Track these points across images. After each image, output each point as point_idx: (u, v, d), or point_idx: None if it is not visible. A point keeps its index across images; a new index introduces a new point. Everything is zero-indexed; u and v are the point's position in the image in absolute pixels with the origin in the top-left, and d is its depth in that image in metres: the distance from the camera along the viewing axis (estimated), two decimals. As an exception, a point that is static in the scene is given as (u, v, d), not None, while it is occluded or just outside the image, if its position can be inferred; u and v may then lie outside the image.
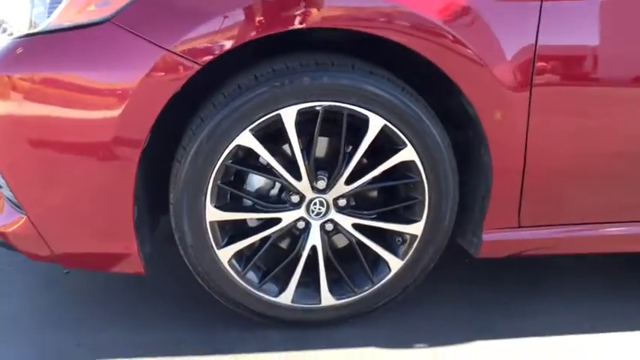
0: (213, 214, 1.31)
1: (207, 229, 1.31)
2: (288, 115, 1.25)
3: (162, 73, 1.18)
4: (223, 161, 1.27)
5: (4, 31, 1.42)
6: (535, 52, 1.29)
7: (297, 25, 1.21)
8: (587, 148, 1.40)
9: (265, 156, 1.29)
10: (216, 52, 1.19)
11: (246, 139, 1.26)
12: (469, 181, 1.45)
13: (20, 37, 1.23)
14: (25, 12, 1.30)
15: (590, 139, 1.39)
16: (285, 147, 1.34)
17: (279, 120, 1.26)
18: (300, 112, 1.26)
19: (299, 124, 1.28)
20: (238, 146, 1.26)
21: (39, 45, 1.21)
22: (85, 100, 1.20)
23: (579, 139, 1.39)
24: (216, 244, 1.33)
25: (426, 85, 1.36)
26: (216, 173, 1.27)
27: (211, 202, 1.30)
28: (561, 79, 1.33)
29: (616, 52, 1.35)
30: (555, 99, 1.34)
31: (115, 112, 1.19)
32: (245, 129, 1.25)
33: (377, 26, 1.23)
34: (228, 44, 1.19)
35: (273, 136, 1.32)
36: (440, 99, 1.38)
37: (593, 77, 1.36)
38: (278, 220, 1.36)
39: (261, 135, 1.28)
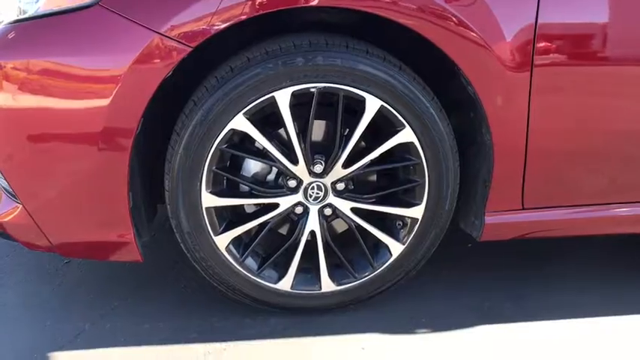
0: (209, 200, 1.29)
1: (203, 215, 1.30)
2: (283, 98, 1.23)
3: (153, 57, 1.16)
4: (217, 146, 1.25)
5: (-5, 19, 1.40)
6: (535, 31, 1.26)
7: (302, 2, 1.17)
8: (591, 128, 1.37)
9: (260, 140, 1.27)
10: (210, 34, 1.16)
11: (241, 122, 1.23)
12: (471, 163, 1.43)
13: (8, 24, 1.21)
14: (14, -1, 1.28)
15: (593, 118, 1.36)
16: (281, 131, 1.32)
17: (273, 103, 1.23)
18: (294, 94, 1.23)
19: (295, 107, 1.25)
20: (233, 130, 1.24)
21: (27, 31, 1.19)
22: (74, 86, 1.18)
23: (582, 119, 1.36)
24: (213, 231, 1.32)
25: (424, 66, 1.33)
26: (210, 158, 1.25)
27: (207, 188, 1.28)
28: (562, 58, 1.30)
29: (618, 29, 1.31)
30: (557, 78, 1.31)
31: (106, 98, 1.17)
32: (239, 112, 1.22)
33: (381, 6, 1.20)
34: (222, 25, 1.16)
35: (269, 119, 1.30)
36: (438, 79, 1.35)
37: (595, 56, 1.32)
38: (275, 206, 1.34)
39: (256, 119, 1.26)
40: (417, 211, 1.37)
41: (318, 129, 1.35)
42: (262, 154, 1.31)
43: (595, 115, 1.36)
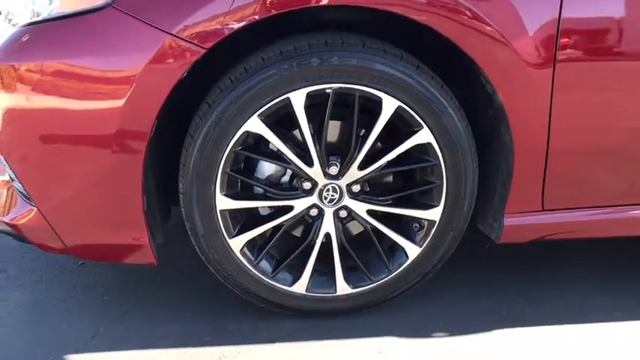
0: (223, 203, 1.28)
1: (217, 218, 1.29)
2: (298, 99, 1.21)
3: (166, 59, 1.14)
4: (232, 148, 1.23)
5: (10, 21, 1.40)
6: (559, 26, 1.22)
7: (312, 2, 1.15)
8: (614, 127, 1.34)
9: (275, 142, 1.25)
10: (224, 35, 1.15)
11: (255, 124, 1.22)
12: (489, 163, 1.39)
13: (22, 27, 1.20)
14: (27, 1, 1.27)
15: (617, 117, 1.33)
16: (296, 132, 1.30)
17: (288, 104, 1.21)
18: (310, 95, 1.21)
19: (309, 108, 1.23)
20: (247, 132, 1.23)
21: (40, 33, 1.18)
22: (88, 88, 1.17)
23: (606, 117, 1.32)
24: (227, 233, 1.31)
25: (442, 63, 1.30)
26: (225, 161, 1.24)
27: (221, 190, 1.27)
28: (587, 54, 1.26)
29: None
30: (580, 75, 1.27)
31: (119, 100, 1.16)
32: (253, 114, 1.21)
33: (392, 2, 1.17)
34: (236, 26, 1.15)
35: (283, 120, 1.28)
36: (456, 78, 1.32)
37: (621, 52, 1.28)
38: (290, 208, 1.33)
39: (271, 120, 1.24)
40: (434, 213, 1.35)
41: (333, 130, 1.32)
42: (277, 156, 1.29)
43: (619, 114, 1.32)
